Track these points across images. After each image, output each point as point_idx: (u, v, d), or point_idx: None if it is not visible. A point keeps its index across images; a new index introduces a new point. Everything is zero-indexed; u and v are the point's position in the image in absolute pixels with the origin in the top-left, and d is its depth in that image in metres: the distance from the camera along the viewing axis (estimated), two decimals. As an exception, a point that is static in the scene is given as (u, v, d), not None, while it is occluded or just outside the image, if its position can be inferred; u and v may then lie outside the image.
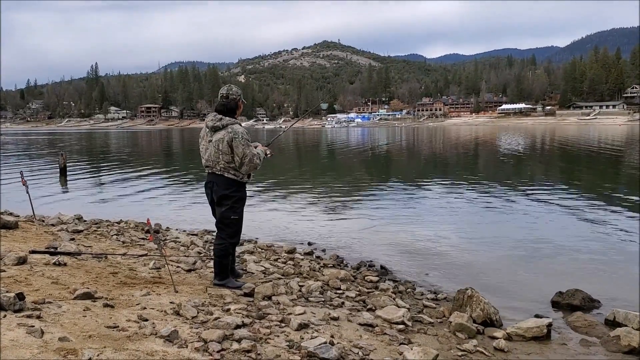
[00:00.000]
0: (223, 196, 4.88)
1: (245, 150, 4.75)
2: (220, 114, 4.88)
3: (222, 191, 4.87)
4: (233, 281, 5.08)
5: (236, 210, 4.92)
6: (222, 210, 4.90)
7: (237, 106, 4.96)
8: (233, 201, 4.88)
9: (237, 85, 5.14)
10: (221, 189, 4.87)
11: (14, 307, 3.39)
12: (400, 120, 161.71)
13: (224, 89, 5.00)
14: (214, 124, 4.84)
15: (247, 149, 4.76)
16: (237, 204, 4.93)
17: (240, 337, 3.51)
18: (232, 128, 4.77)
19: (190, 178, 18.42)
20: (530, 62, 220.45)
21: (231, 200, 4.88)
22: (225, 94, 4.95)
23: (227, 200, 4.87)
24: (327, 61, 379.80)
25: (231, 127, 4.77)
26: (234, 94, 4.95)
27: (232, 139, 4.73)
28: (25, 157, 31.10)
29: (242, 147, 4.74)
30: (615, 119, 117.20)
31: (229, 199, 4.87)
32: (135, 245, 6.94)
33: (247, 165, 4.79)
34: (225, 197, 4.87)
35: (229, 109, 4.91)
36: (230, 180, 4.86)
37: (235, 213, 4.92)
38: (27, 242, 6.18)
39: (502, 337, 4.27)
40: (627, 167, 21.43)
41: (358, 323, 4.26)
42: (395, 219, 10.00)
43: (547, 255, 7.31)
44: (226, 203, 4.88)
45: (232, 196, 4.87)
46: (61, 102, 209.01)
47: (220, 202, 4.91)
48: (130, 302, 4.12)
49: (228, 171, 4.84)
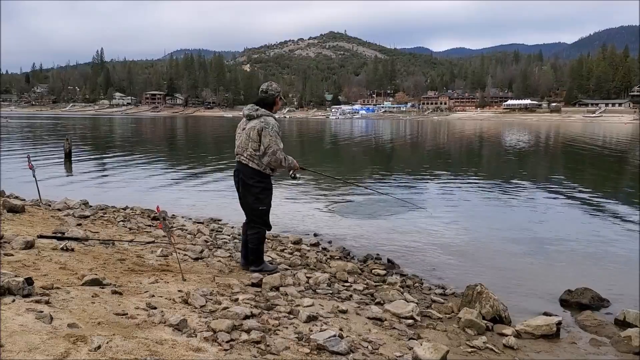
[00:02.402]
0: (247, 186, 5.12)
1: (271, 142, 4.94)
2: (258, 106, 5.12)
3: (247, 181, 5.10)
4: (268, 265, 5.40)
5: (263, 201, 5.14)
6: (250, 202, 5.14)
7: (274, 102, 5.19)
8: (258, 192, 5.10)
9: (277, 83, 5.43)
10: (246, 179, 5.11)
11: (22, 292, 3.37)
12: (404, 113, 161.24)
13: (265, 85, 5.26)
14: (250, 112, 5.09)
15: (273, 140, 4.94)
16: (262, 194, 5.12)
17: (250, 328, 3.48)
18: (265, 119, 5.00)
19: (195, 165, 18.40)
20: (537, 58, 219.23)
21: (256, 191, 5.10)
22: (265, 89, 5.20)
23: (252, 190, 5.10)
24: (333, 52, 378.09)
25: (264, 118, 5.01)
26: (273, 90, 5.19)
27: (263, 128, 4.95)
28: (30, 141, 31.11)
29: (270, 137, 4.95)
30: (620, 117, 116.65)
31: (253, 188, 5.09)
32: (142, 232, 6.92)
33: (270, 156, 4.97)
34: (250, 187, 5.10)
35: (266, 103, 5.14)
36: (254, 171, 5.06)
37: (263, 204, 5.14)
38: (34, 226, 6.16)
39: (511, 335, 4.24)
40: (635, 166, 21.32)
41: (367, 317, 4.23)
42: (400, 211, 9.95)
43: (556, 252, 7.26)
44: (252, 194, 5.11)
45: (256, 186, 5.09)
46: (66, 86, 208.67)
47: (245, 192, 5.16)
48: (138, 289, 4.09)
49: (252, 160, 5.04)
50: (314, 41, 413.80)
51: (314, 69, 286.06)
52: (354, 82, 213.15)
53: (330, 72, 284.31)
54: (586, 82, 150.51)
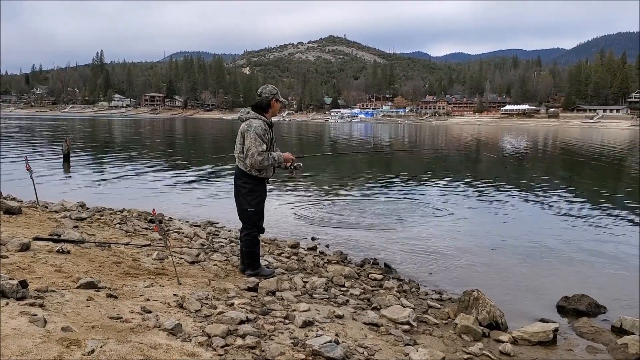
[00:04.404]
0: (237, 187, 5.20)
1: (250, 144, 4.94)
2: (250, 109, 5.17)
3: (237, 181, 5.19)
4: (264, 269, 5.38)
5: (250, 202, 5.12)
6: (240, 203, 5.19)
7: (269, 104, 5.17)
8: (245, 192, 5.12)
9: (273, 85, 5.35)
10: (236, 179, 5.19)
11: (16, 295, 3.34)
12: (403, 118, 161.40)
13: (260, 88, 5.27)
14: (241, 115, 5.18)
15: (252, 142, 4.93)
16: (250, 195, 5.11)
17: (245, 333, 3.46)
18: (250, 121, 5.04)
19: (193, 168, 18.38)
20: (536, 64, 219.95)
21: (244, 192, 5.13)
22: (260, 92, 5.22)
23: (240, 190, 5.15)
24: (333, 56, 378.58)
25: (250, 120, 5.08)
26: (267, 92, 5.17)
27: (246, 130, 5.00)
28: (29, 142, 31.06)
29: (250, 139, 4.95)
30: (618, 123, 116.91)
31: (241, 189, 5.14)
32: (138, 235, 6.90)
33: (250, 158, 4.98)
34: (239, 187, 5.17)
35: (260, 106, 5.15)
36: (241, 172, 5.13)
37: (250, 205, 5.12)
38: (30, 228, 6.14)
39: (508, 341, 4.21)
40: (634, 172, 21.34)
41: (363, 322, 4.21)
42: (397, 215, 9.94)
43: (552, 258, 7.24)
44: (241, 194, 5.15)
45: (243, 187, 5.13)
46: (66, 88, 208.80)
47: (236, 193, 5.22)
48: (133, 292, 4.07)
49: (240, 162, 5.11)
50: (313, 45, 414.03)
51: (314, 72, 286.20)
52: (353, 86, 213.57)
53: (330, 76, 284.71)
54: (584, 88, 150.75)
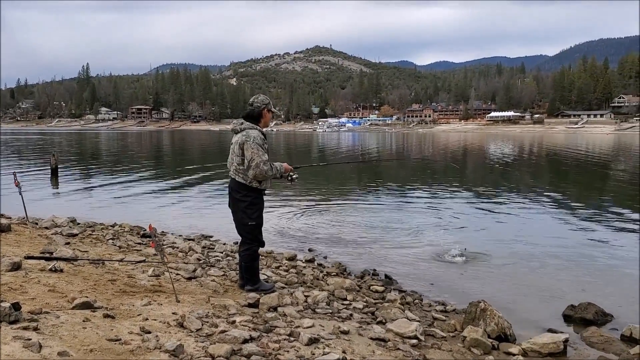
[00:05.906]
0: (235, 201, 5.02)
1: (253, 154, 4.81)
2: (243, 120, 5.07)
3: (235, 195, 5.01)
4: (264, 284, 5.25)
5: (251, 216, 4.97)
6: (239, 218, 5.02)
7: (261, 114, 5.08)
8: (245, 206, 4.96)
9: (265, 95, 5.26)
10: (234, 193, 5.01)
11: (9, 318, 3.18)
12: (390, 126, 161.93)
13: (252, 98, 5.18)
14: (235, 127, 5.06)
15: (255, 152, 4.81)
16: (250, 209, 4.97)
17: (250, 353, 3.33)
18: (247, 132, 4.94)
19: (183, 181, 18.18)
20: (520, 71, 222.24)
21: (243, 205, 4.97)
22: (251, 102, 5.12)
23: (239, 204, 4.99)
24: (319, 66, 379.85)
25: (247, 131, 4.94)
26: (259, 102, 5.08)
27: (244, 141, 4.87)
28: (15, 156, 30.62)
29: (252, 150, 4.82)
30: (602, 128, 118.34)
31: (241, 203, 4.97)
32: (132, 251, 6.72)
33: (254, 169, 4.84)
34: (238, 201, 4.99)
35: (252, 116, 5.06)
36: (240, 184, 4.96)
37: (251, 219, 4.98)
38: (20, 246, 5.95)
39: (518, 353, 4.11)
40: (628, 176, 21.48)
41: (369, 337, 4.08)
42: (392, 224, 9.84)
43: (555, 266, 7.14)
44: (240, 208, 4.99)
45: (243, 200, 4.96)
46: (52, 102, 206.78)
47: (235, 207, 5.05)
48: (131, 312, 3.91)
49: (238, 174, 4.95)
50: (300, 55, 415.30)
51: (301, 82, 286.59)
52: (340, 96, 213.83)
53: (317, 86, 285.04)
54: (568, 94, 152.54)
